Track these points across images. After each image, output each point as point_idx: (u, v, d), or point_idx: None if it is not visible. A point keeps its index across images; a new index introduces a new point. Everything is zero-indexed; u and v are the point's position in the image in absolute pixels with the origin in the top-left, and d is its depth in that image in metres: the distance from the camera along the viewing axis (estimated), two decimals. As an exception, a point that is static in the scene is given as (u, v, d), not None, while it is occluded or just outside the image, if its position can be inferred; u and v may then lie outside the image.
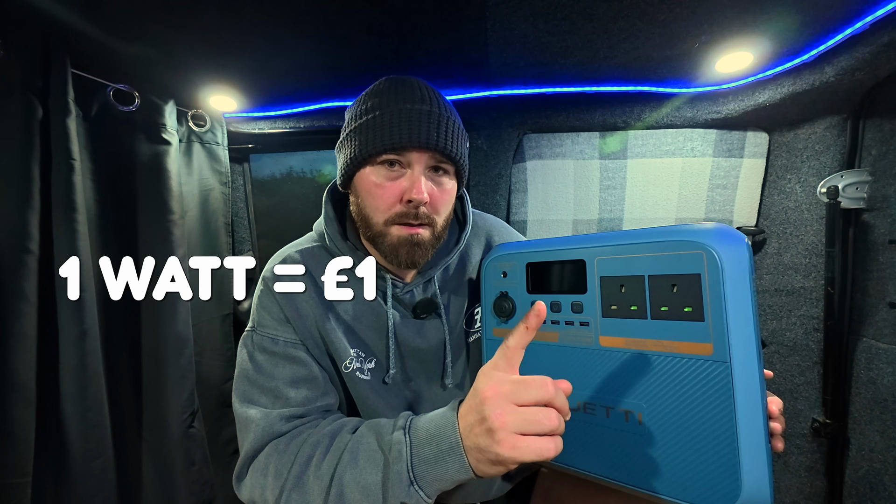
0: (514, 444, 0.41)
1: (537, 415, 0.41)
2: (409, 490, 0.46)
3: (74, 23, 0.79)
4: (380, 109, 0.58)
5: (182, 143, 1.16)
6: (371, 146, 0.57)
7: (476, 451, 0.43)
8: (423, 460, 0.46)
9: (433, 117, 0.58)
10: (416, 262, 0.61)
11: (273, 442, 0.57)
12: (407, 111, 0.57)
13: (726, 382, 0.43)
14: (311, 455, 0.53)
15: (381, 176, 0.59)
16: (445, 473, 0.45)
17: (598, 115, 1.16)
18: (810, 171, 1.06)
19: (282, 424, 0.58)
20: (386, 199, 0.59)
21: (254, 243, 1.46)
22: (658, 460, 0.47)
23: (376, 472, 0.48)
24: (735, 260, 0.44)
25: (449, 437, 0.45)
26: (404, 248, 0.60)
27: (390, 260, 0.62)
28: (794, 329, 1.11)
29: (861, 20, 0.79)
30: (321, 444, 0.54)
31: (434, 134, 0.57)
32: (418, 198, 0.57)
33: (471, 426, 0.44)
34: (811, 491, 1.11)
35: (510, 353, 0.45)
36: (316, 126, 1.25)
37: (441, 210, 0.61)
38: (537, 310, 0.45)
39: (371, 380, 0.66)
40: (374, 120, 0.58)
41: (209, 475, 1.14)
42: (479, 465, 0.44)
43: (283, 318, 0.64)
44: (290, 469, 0.53)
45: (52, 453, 0.85)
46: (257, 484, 0.55)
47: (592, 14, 0.78)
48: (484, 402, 0.42)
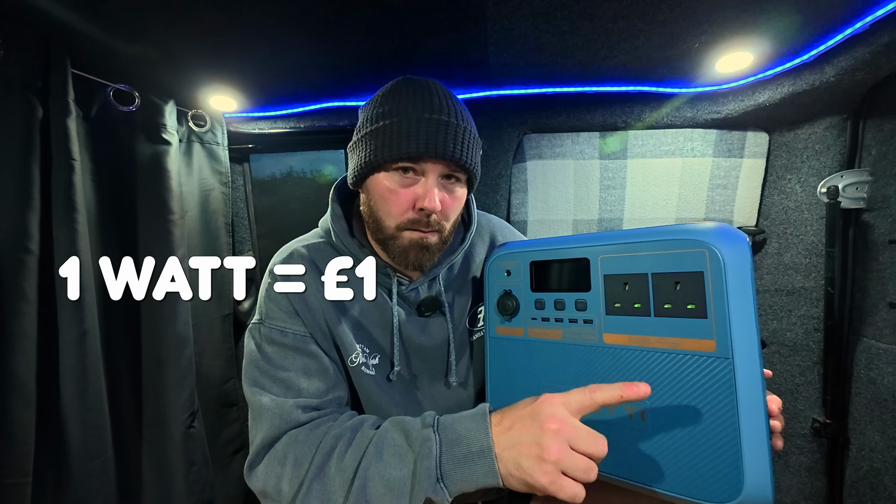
0: (555, 479, 0.43)
1: (586, 465, 0.43)
2: (436, 487, 0.47)
3: (74, 23, 0.79)
4: (397, 116, 0.58)
5: (182, 143, 1.16)
6: (387, 153, 0.58)
7: (513, 466, 0.45)
8: (452, 459, 0.48)
9: (450, 128, 0.58)
10: (424, 265, 0.63)
11: (292, 431, 0.57)
12: (425, 121, 0.57)
13: (729, 379, 0.43)
14: (334, 447, 0.54)
15: (395, 182, 0.59)
16: (472, 476, 0.47)
17: (598, 115, 1.17)
18: (810, 171, 1.06)
19: (299, 414, 0.58)
20: (399, 206, 0.59)
21: (254, 243, 1.45)
22: (660, 457, 0.47)
23: (402, 467, 0.49)
24: (737, 258, 0.44)
25: (480, 441, 0.47)
26: (414, 251, 0.61)
27: (398, 262, 0.63)
28: (794, 329, 1.11)
29: (861, 20, 0.79)
30: (343, 437, 0.54)
31: (451, 145, 0.57)
32: (431, 206, 0.57)
33: (517, 443, 0.45)
34: (811, 491, 1.11)
35: (588, 403, 0.45)
36: (316, 126, 1.25)
37: (451, 216, 0.63)
38: (641, 391, 0.44)
39: (376, 375, 0.67)
40: (392, 126, 0.58)
41: (209, 475, 1.14)
42: (509, 478, 0.46)
43: (293, 311, 0.65)
44: (311, 460, 0.53)
45: (52, 453, 0.85)
46: (273, 473, 0.55)
47: (592, 14, 0.78)
48: (546, 431, 0.44)
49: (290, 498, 0.52)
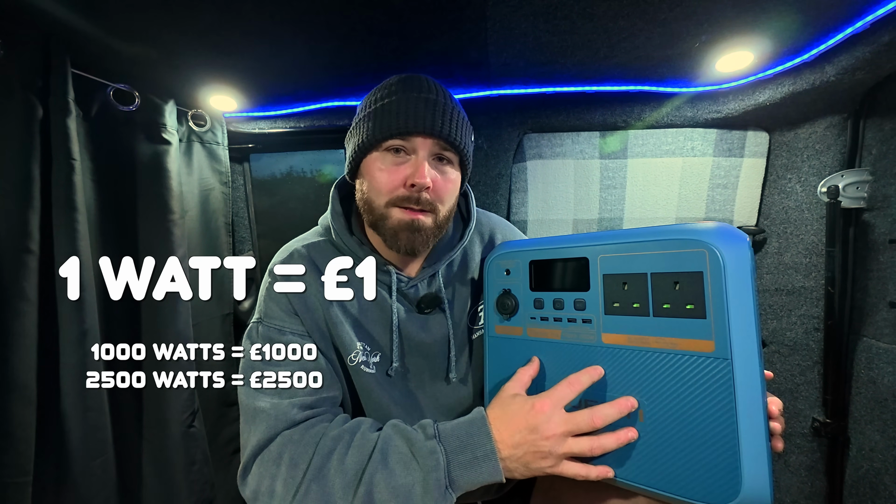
0: (556, 464, 0.51)
1: (589, 443, 0.50)
2: (445, 493, 0.50)
3: (74, 23, 0.79)
4: (388, 98, 0.61)
5: (182, 143, 1.16)
6: (378, 132, 0.60)
7: (518, 464, 0.52)
8: (459, 465, 0.51)
9: (438, 105, 0.60)
10: (416, 248, 0.62)
11: (286, 432, 0.57)
12: (413, 98, 0.60)
13: (727, 379, 0.43)
14: (333, 448, 0.54)
15: (387, 161, 0.61)
16: (478, 478, 0.51)
17: (598, 114, 1.17)
18: (811, 170, 1.06)
19: (295, 413, 0.58)
20: (390, 182, 0.60)
21: (254, 243, 1.45)
22: (659, 457, 0.47)
23: (407, 475, 0.51)
24: (737, 258, 0.44)
25: (484, 445, 0.51)
26: (404, 232, 0.61)
27: (390, 245, 0.63)
28: (794, 328, 1.11)
29: (861, 19, 0.79)
30: (342, 439, 0.55)
31: (439, 121, 0.59)
32: (421, 182, 0.58)
33: (522, 454, 0.51)
34: (811, 490, 1.11)
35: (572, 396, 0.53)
36: (316, 126, 1.25)
37: (445, 198, 0.63)
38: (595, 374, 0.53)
39: (376, 373, 0.67)
40: (382, 108, 0.60)
41: (209, 474, 1.14)
42: (512, 473, 0.52)
43: (291, 310, 0.65)
44: (310, 460, 0.53)
45: (52, 453, 0.85)
46: (267, 473, 0.55)
47: (592, 13, 0.78)
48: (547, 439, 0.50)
49: (285, 498, 0.52)
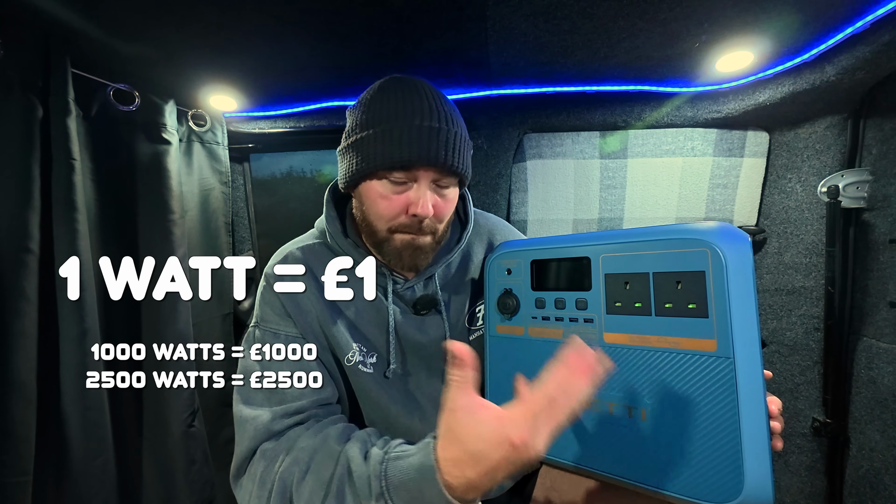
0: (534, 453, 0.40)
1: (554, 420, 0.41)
2: None
3: (74, 23, 0.78)
4: (388, 122, 0.58)
5: (182, 143, 1.16)
6: (379, 161, 0.57)
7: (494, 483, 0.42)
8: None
9: (442, 134, 0.58)
10: (418, 265, 0.63)
11: (264, 445, 0.57)
12: (416, 128, 0.57)
13: (730, 378, 0.43)
14: (292, 473, 0.52)
15: (388, 189, 0.59)
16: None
17: (598, 114, 1.17)
18: (811, 170, 1.06)
19: (275, 423, 0.58)
20: (390, 210, 0.60)
21: (254, 243, 1.45)
22: (661, 456, 0.47)
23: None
24: (739, 257, 0.44)
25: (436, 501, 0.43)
26: (407, 251, 0.61)
27: (393, 264, 0.64)
28: (794, 328, 1.11)
29: (861, 19, 0.79)
30: (300, 463, 0.52)
31: (442, 152, 0.57)
32: (423, 213, 0.58)
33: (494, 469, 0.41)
34: (811, 490, 1.11)
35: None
36: (316, 126, 1.25)
37: (444, 218, 0.63)
38: None
39: (373, 373, 0.67)
40: (382, 134, 0.57)
41: (209, 474, 1.14)
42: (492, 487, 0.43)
43: (285, 313, 0.65)
44: (272, 485, 0.52)
45: (52, 452, 0.85)
46: (246, 489, 0.55)
47: (592, 13, 0.78)
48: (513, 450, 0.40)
49: None
